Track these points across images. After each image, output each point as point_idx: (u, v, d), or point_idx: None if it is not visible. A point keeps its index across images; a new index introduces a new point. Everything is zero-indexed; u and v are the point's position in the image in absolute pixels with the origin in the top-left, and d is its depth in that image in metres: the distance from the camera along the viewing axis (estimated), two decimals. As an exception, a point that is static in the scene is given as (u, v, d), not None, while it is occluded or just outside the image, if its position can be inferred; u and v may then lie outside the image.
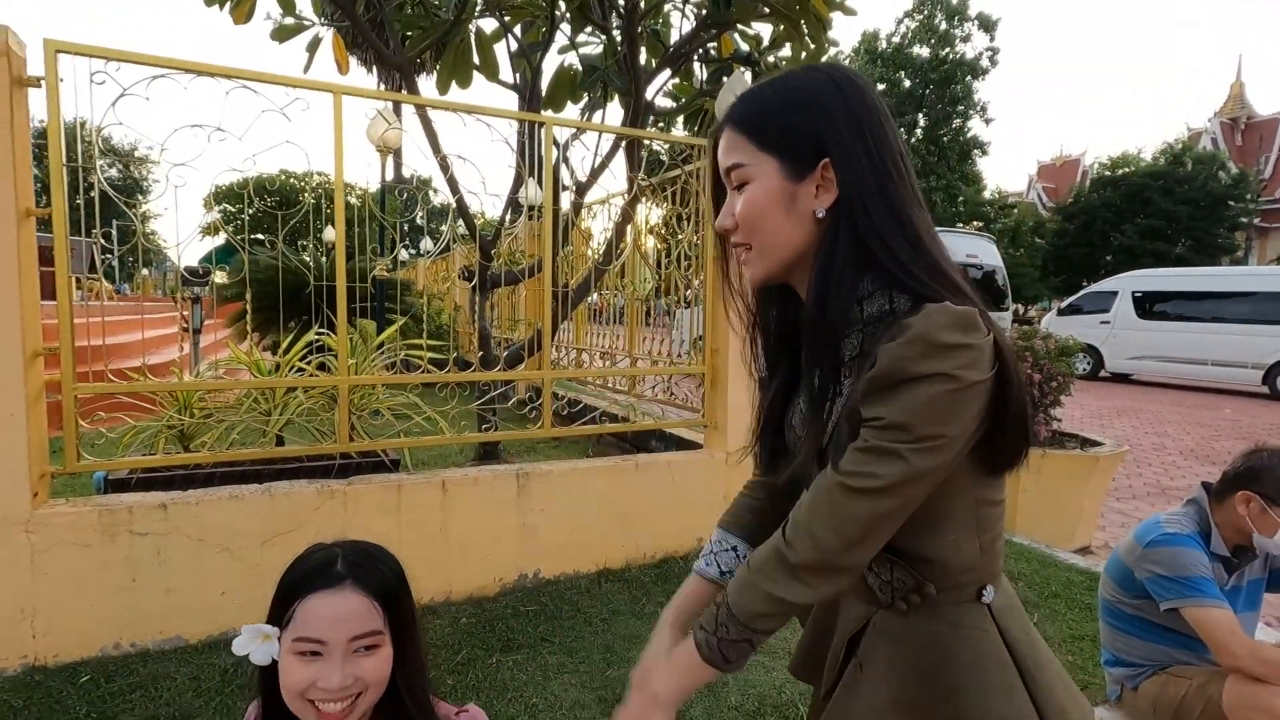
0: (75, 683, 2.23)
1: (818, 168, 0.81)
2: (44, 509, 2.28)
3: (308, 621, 0.91)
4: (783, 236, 0.84)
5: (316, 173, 25.83)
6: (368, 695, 0.94)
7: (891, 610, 0.87)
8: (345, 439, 2.71)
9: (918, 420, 0.71)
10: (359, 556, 0.99)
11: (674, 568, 3.30)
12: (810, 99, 0.82)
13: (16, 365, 2.18)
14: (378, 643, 0.94)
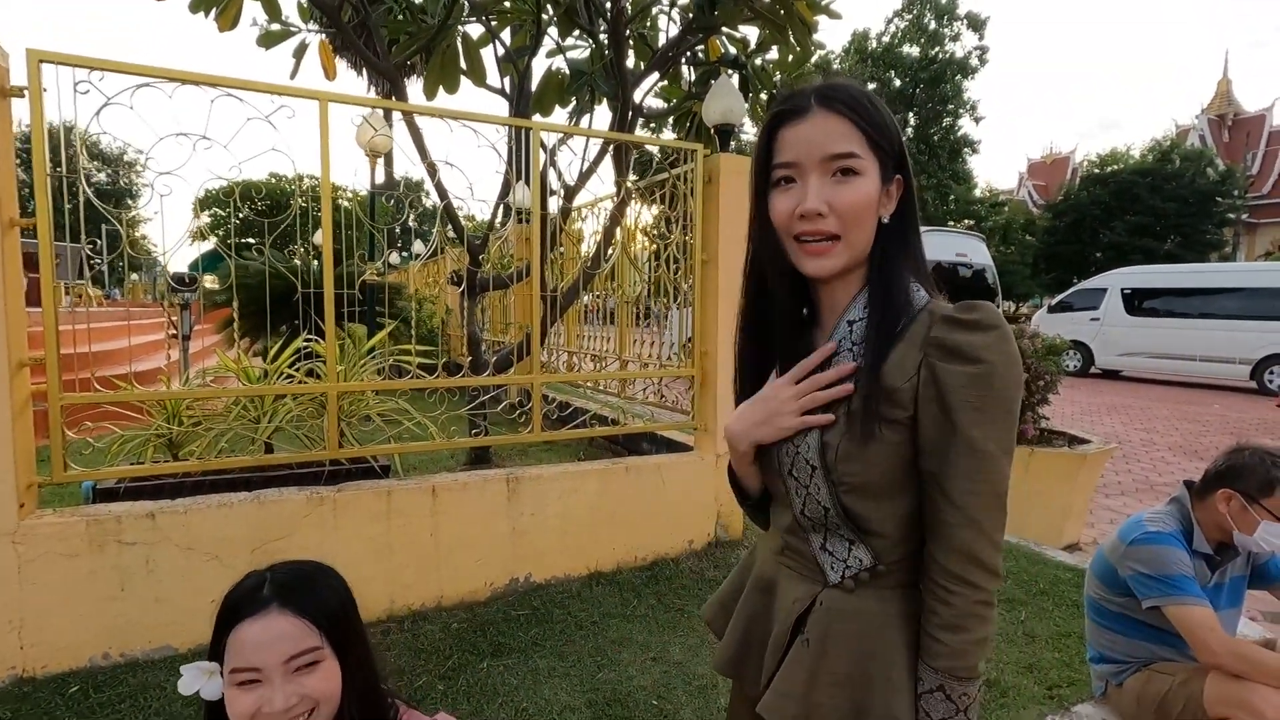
0: (64, 694, 2.22)
1: (893, 181, 0.92)
2: (31, 519, 2.28)
3: (240, 651, 0.92)
4: (866, 234, 0.91)
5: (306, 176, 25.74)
6: (322, 709, 0.95)
7: (839, 588, 0.94)
8: (335, 446, 2.71)
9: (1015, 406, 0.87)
10: (288, 578, 0.99)
11: (665, 570, 3.31)
12: (890, 115, 0.92)
13: (2, 376, 2.18)
14: (317, 658, 0.94)
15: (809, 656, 0.93)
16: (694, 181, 3.47)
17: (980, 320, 0.85)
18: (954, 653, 0.84)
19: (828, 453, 0.91)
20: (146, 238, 22.15)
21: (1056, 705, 2.33)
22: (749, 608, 1.06)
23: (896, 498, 0.90)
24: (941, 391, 0.84)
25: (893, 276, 0.92)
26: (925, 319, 0.88)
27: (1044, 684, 2.46)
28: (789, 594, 0.99)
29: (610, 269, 4.23)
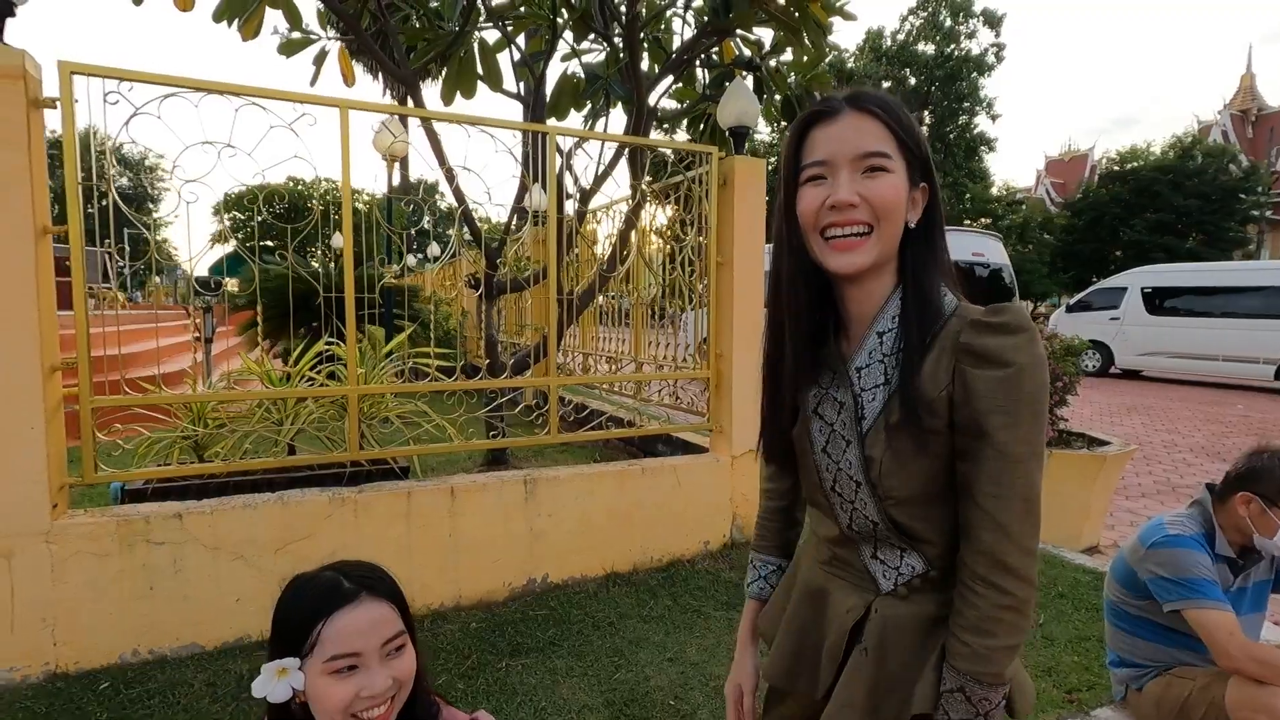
0: (95, 689, 2.28)
1: (919, 187, 0.93)
2: (63, 519, 2.34)
3: (339, 639, 0.94)
4: (896, 231, 0.91)
5: (324, 179, 26.06)
6: (400, 694, 0.99)
7: (893, 595, 0.95)
8: (355, 447, 2.75)
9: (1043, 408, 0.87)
10: (362, 571, 1.04)
11: (681, 571, 3.33)
12: (918, 126, 0.94)
13: (35, 379, 2.24)
14: (403, 642, 1.00)
15: (868, 665, 0.93)
16: (709, 184, 3.49)
17: (1008, 323, 0.85)
18: (976, 656, 0.84)
19: (871, 468, 0.91)
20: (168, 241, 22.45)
21: (1076, 709, 2.32)
22: (799, 619, 1.05)
23: (944, 505, 0.90)
24: (971, 397, 0.85)
25: (926, 285, 0.92)
26: (955, 324, 0.89)
27: (1063, 688, 2.45)
28: (841, 604, 0.99)
29: (626, 271, 4.25)
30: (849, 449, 0.93)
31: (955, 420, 0.86)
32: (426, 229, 8.54)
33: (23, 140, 2.19)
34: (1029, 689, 0.95)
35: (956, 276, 0.97)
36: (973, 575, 0.85)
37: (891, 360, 0.91)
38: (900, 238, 0.92)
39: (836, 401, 0.96)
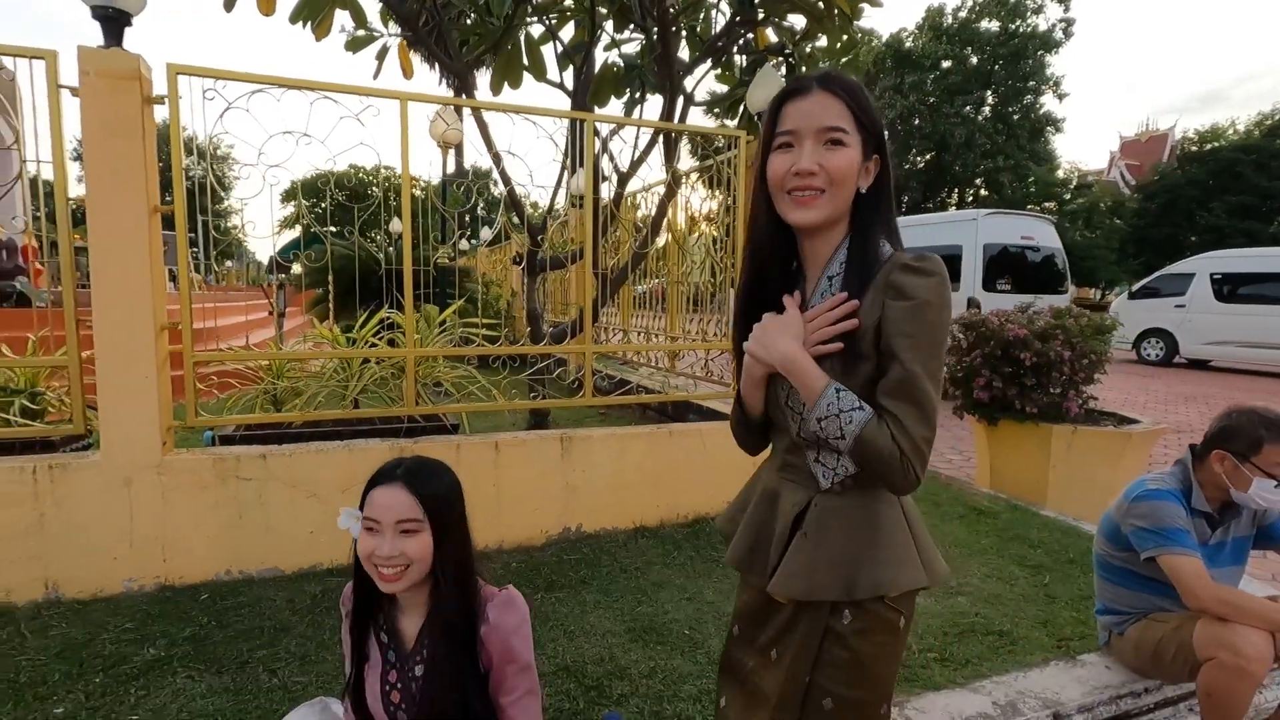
0: (197, 599, 2.69)
1: (872, 159, 1.12)
2: (170, 456, 2.75)
3: (371, 505, 1.25)
4: (847, 195, 1.11)
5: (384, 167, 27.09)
6: (412, 570, 1.25)
7: (830, 493, 1.18)
8: (412, 404, 3.09)
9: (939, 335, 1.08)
10: (415, 465, 1.31)
11: (705, 527, 3.58)
12: (877, 113, 1.12)
13: (149, 336, 2.64)
14: (416, 529, 1.24)
15: (808, 545, 1.16)
16: (737, 166, 3.69)
17: (923, 268, 1.06)
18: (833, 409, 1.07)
19: None
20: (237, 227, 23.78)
21: (1064, 653, 2.48)
22: (757, 515, 1.28)
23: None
24: (886, 323, 1.06)
25: (867, 239, 1.12)
26: (887, 268, 1.09)
27: (1055, 637, 2.61)
28: (789, 500, 1.22)
29: (661, 251, 4.49)
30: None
31: (880, 345, 1.07)
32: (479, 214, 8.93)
33: (139, 132, 2.58)
34: (941, 567, 1.21)
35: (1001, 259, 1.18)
36: (889, 433, 1.05)
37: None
38: (852, 200, 1.13)
39: None
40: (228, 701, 2.08)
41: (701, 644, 2.50)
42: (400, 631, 1.33)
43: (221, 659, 2.30)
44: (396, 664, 1.30)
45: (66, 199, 2.56)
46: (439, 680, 1.27)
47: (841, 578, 1.13)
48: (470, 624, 1.29)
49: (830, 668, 1.17)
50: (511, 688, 1.31)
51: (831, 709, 1.17)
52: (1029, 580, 3.11)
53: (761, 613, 1.28)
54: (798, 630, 1.20)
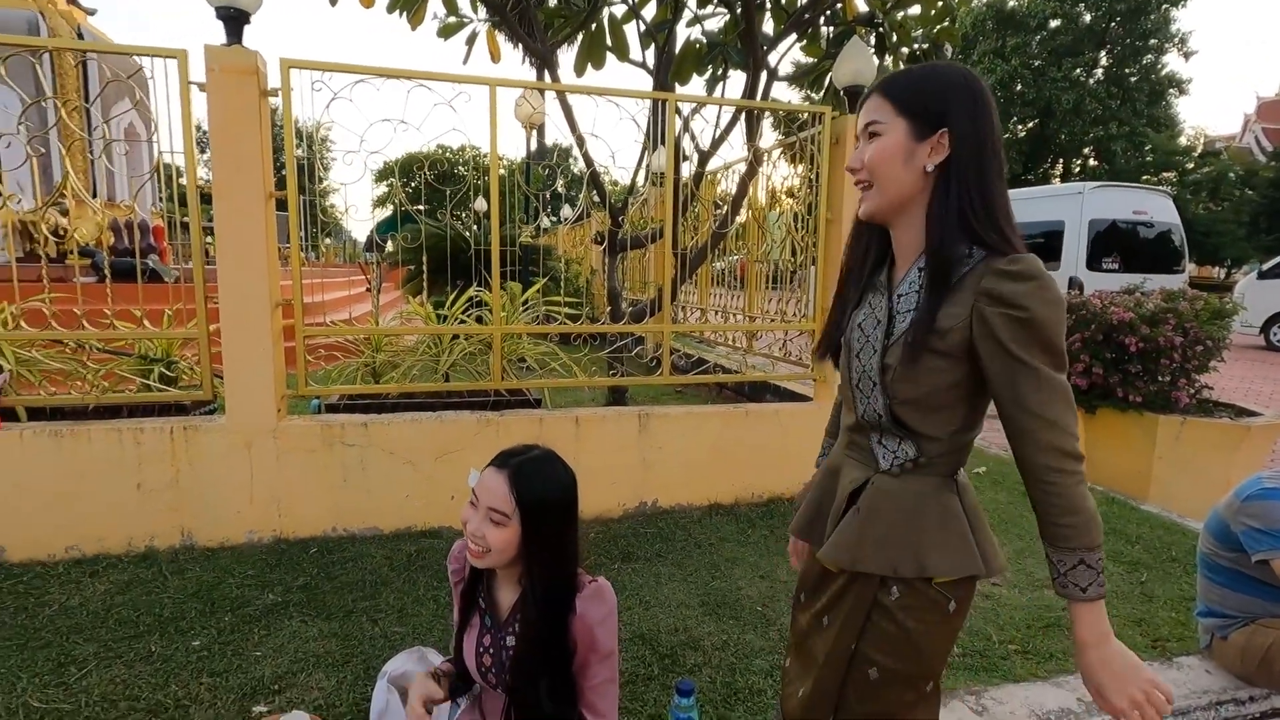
0: (307, 552, 2.95)
1: (935, 135, 1.09)
2: (284, 422, 3.01)
3: (480, 481, 1.33)
4: (895, 181, 1.11)
5: (470, 147, 27.88)
6: (492, 555, 1.30)
7: (887, 474, 1.20)
8: (498, 378, 3.25)
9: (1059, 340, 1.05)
10: (530, 465, 1.33)
11: (780, 508, 3.60)
12: (944, 84, 1.10)
13: (267, 311, 2.89)
14: (503, 521, 1.28)
15: (858, 522, 1.20)
16: (821, 143, 3.61)
17: (1021, 272, 1.04)
18: (1081, 531, 1.01)
19: (885, 373, 1.15)
20: (335, 207, 25.11)
21: (1159, 655, 2.37)
22: (820, 488, 1.34)
23: (938, 410, 1.14)
24: (993, 330, 1.04)
25: (934, 229, 1.10)
26: (981, 270, 1.06)
27: (1150, 637, 2.49)
28: (848, 477, 1.25)
29: (740, 229, 4.45)
30: (873, 356, 1.17)
31: (978, 350, 1.07)
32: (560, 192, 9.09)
33: (256, 122, 2.80)
34: (1000, 561, 1.20)
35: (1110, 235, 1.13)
36: (1046, 469, 1.02)
37: (921, 294, 1.13)
38: (911, 186, 1.12)
39: (876, 318, 1.20)
40: (336, 645, 2.29)
41: (774, 621, 2.54)
42: (497, 601, 1.43)
43: (330, 607, 2.53)
44: (491, 629, 1.40)
45: (196, 185, 2.81)
46: (524, 657, 1.35)
47: (888, 555, 1.15)
48: (558, 614, 1.34)
49: (876, 639, 1.19)
50: (593, 674, 1.38)
51: (876, 679, 1.20)
52: (1124, 577, 2.96)
53: (818, 581, 1.33)
54: (847, 599, 1.23)
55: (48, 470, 2.76)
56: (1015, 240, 1.08)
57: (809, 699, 1.28)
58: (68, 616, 2.43)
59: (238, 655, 2.23)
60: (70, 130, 3.17)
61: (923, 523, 1.16)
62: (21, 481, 2.74)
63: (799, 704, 1.31)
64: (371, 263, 5.77)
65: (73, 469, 2.78)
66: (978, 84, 1.11)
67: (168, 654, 2.22)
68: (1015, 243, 1.07)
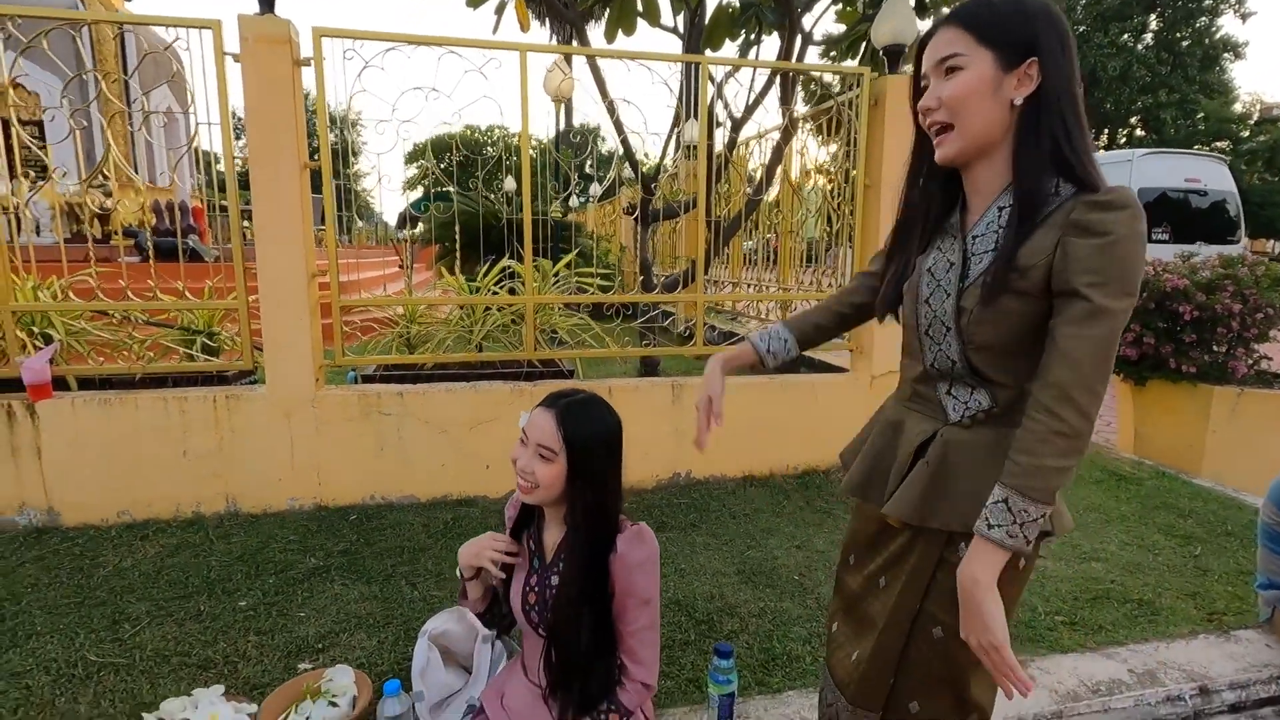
0: (347, 519, 3.00)
1: (1023, 64, 1.02)
2: (322, 391, 3.05)
3: (529, 420, 1.37)
4: (981, 118, 1.04)
5: (498, 127, 27.93)
6: (540, 491, 1.35)
7: (957, 426, 1.15)
8: (531, 348, 3.24)
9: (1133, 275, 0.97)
10: (578, 405, 1.37)
11: (815, 479, 3.55)
12: (1029, 12, 1.03)
13: (304, 281, 2.91)
14: (550, 457, 1.33)
15: (927, 474, 1.15)
16: (859, 106, 3.50)
17: (1113, 201, 0.97)
18: (1024, 471, 0.96)
19: (961, 316, 1.09)
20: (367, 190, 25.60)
21: (1216, 628, 2.29)
22: (877, 444, 1.28)
23: (1016, 356, 1.08)
24: (1069, 262, 0.98)
25: (1023, 164, 1.04)
26: (1070, 205, 1.00)
27: (1205, 611, 2.40)
28: (913, 430, 1.20)
29: (774, 202, 4.36)
30: (947, 300, 1.12)
31: (1052, 286, 1.00)
32: (589, 173, 9.04)
33: (290, 92, 2.80)
34: (1067, 518, 1.14)
35: (1161, 205, 1.05)
36: (1037, 405, 0.98)
37: (1004, 232, 1.06)
38: (997, 122, 1.05)
39: (948, 261, 1.14)
40: (377, 607, 2.33)
41: (812, 590, 2.51)
42: (544, 543, 1.45)
43: (370, 571, 2.57)
44: (537, 570, 1.42)
45: (233, 157, 2.83)
46: (565, 596, 1.37)
47: (958, 510, 1.11)
48: (600, 555, 1.36)
49: (942, 597, 1.16)
50: (632, 619, 1.38)
51: (941, 637, 1.17)
52: (1176, 550, 2.86)
53: (873, 541, 1.29)
54: (910, 558, 1.19)
55: (98, 436, 2.84)
56: (1102, 176, 1.01)
57: (869, 662, 1.25)
58: (121, 577, 2.51)
59: (282, 615, 2.28)
60: (111, 104, 3.21)
61: (995, 475, 1.08)
62: (74, 448, 2.82)
63: (854, 667, 1.29)
64: (405, 239, 5.80)
65: (121, 436, 2.85)
66: (1063, 19, 1.04)
67: (216, 613, 2.28)
68: (1102, 179, 1.01)
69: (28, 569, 2.55)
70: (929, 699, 1.22)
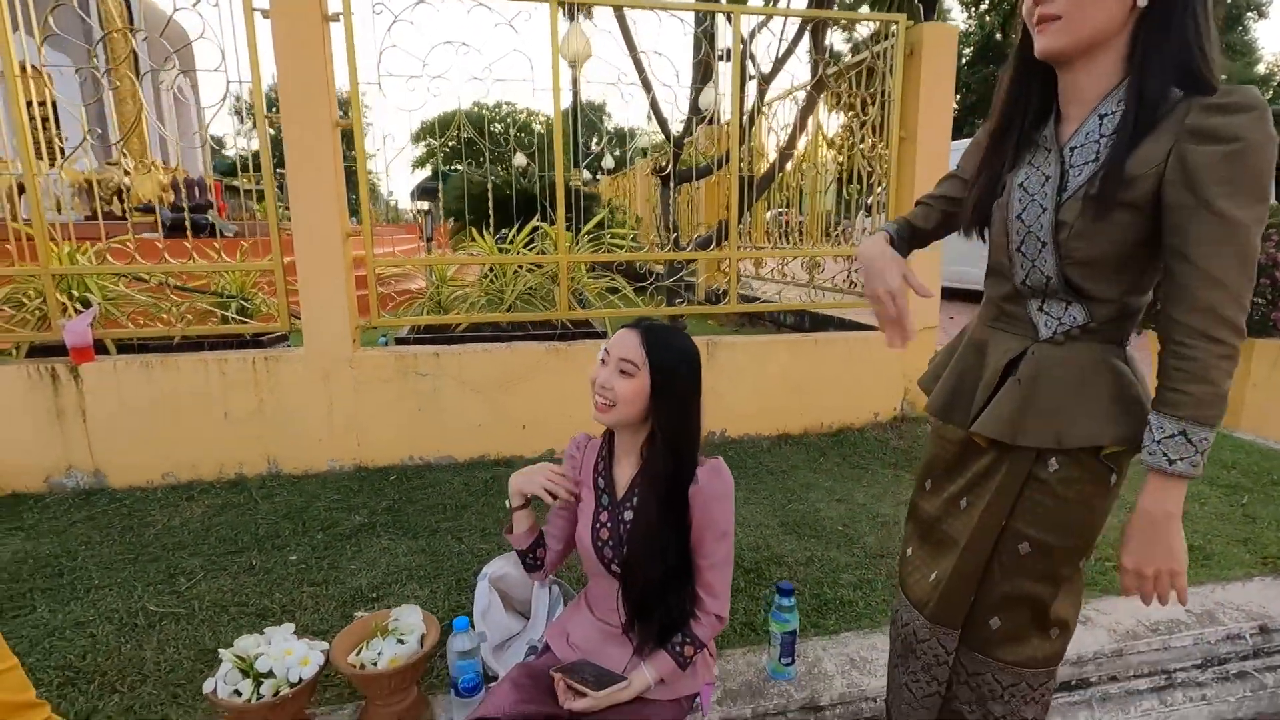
0: (387, 479, 3.02)
1: None
2: (359, 352, 3.05)
3: (610, 341, 1.35)
4: (1104, 12, 0.97)
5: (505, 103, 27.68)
6: (619, 409, 1.32)
7: (1049, 342, 1.12)
8: (565, 308, 3.22)
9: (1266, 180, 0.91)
10: (659, 327, 1.36)
11: (849, 437, 3.53)
12: None
13: (338, 239, 2.90)
14: (632, 372, 1.30)
15: (1018, 392, 1.12)
16: (894, 56, 3.42)
17: (1237, 102, 0.90)
18: (1199, 402, 0.93)
19: (1060, 230, 1.05)
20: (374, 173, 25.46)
21: (1270, 571, 2.27)
22: (961, 364, 1.25)
23: (1116, 270, 1.04)
24: (1189, 171, 0.92)
25: (1151, 65, 0.96)
26: (1184, 108, 0.94)
27: (1259, 555, 2.38)
28: (1000, 348, 1.17)
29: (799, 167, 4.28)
30: (1043, 215, 1.07)
31: (1165, 197, 0.96)
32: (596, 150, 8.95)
33: (320, 48, 2.76)
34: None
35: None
36: (1190, 331, 0.93)
37: (1107, 141, 1.01)
38: (1116, 20, 0.98)
39: (1043, 175, 1.09)
40: (426, 559, 2.34)
41: (858, 540, 2.50)
42: (615, 480, 1.43)
43: (415, 527, 2.59)
44: (608, 507, 1.41)
45: (264, 114, 2.81)
46: (642, 529, 1.35)
47: (1051, 426, 1.09)
48: (680, 485, 1.34)
49: (1030, 513, 1.14)
50: (709, 552, 1.37)
51: (1028, 553, 1.16)
52: (1223, 499, 2.84)
53: (954, 463, 1.27)
54: (996, 476, 1.17)
55: (141, 400, 2.85)
56: (1218, 77, 0.96)
57: (949, 581, 1.24)
58: (171, 535, 2.53)
59: (334, 568, 2.30)
60: (123, 83, 3.18)
61: (1092, 390, 1.08)
62: (117, 410, 2.84)
63: (932, 586, 1.28)
64: (422, 213, 5.78)
65: (163, 398, 2.87)
66: None
67: (268, 566, 2.31)
68: (1219, 79, 0.96)
69: (79, 528, 2.58)
70: (1010, 614, 1.21)
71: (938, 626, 1.27)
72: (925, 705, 1.34)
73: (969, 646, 1.26)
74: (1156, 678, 1.90)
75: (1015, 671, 1.22)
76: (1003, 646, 1.22)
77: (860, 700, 1.72)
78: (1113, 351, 1.09)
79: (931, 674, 1.31)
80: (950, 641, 1.27)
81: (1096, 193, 1.00)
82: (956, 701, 1.30)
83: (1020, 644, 1.22)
